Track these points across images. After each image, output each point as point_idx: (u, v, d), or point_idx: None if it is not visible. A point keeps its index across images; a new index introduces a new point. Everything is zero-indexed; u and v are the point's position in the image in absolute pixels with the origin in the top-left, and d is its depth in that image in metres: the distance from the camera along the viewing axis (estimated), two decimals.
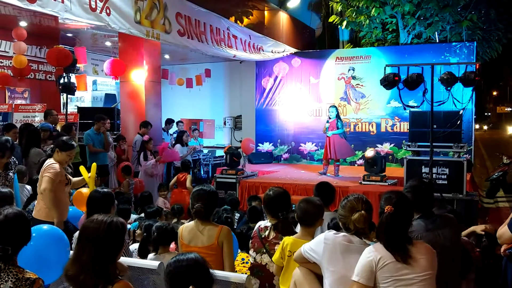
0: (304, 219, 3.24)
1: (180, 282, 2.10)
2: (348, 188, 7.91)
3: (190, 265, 2.15)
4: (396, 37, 13.53)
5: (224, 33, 9.73)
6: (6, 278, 2.24)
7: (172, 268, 2.15)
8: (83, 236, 2.26)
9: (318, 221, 3.26)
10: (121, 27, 6.99)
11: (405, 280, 2.43)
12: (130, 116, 9.87)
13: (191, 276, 2.11)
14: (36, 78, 9.41)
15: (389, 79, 7.01)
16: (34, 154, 6.42)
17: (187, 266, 2.14)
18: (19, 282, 2.23)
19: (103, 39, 10.86)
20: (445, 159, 7.86)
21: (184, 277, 2.11)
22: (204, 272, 2.16)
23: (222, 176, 9.10)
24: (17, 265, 2.33)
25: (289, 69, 12.75)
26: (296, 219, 3.30)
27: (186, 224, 3.56)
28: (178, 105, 14.11)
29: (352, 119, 12.07)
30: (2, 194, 3.77)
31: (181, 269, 2.13)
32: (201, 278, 2.13)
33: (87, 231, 2.24)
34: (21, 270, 2.30)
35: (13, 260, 2.33)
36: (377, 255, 2.47)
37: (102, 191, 3.60)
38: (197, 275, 2.13)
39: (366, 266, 2.47)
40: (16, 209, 2.44)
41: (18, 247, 2.35)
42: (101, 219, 2.25)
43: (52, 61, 7.79)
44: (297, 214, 3.27)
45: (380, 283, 2.46)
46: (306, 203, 3.28)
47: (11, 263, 2.30)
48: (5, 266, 2.27)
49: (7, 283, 2.21)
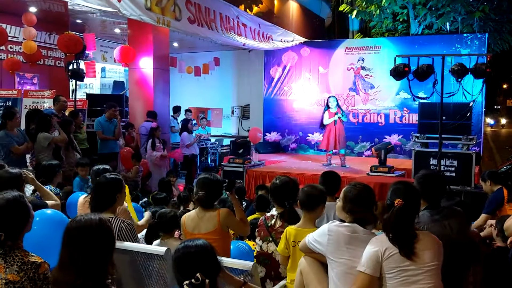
0: (306, 203, 3.25)
1: (187, 268, 2.09)
2: (355, 179, 7.89)
3: (198, 251, 2.14)
4: (406, 28, 13.39)
5: (234, 21, 9.68)
6: (11, 262, 2.25)
7: (180, 254, 2.15)
8: (74, 239, 2.09)
9: (320, 206, 3.27)
10: (132, 13, 6.95)
11: (411, 270, 2.42)
12: (138, 103, 9.89)
13: (199, 262, 2.11)
14: (45, 64, 9.44)
15: (399, 70, 6.96)
16: (42, 138, 6.46)
17: (195, 253, 2.13)
18: (25, 266, 2.24)
19: (112, 26, 10.85)
20: (453, 151, 7.81)
21: (192, 263, 2.10)
22: (212, 259, 2.16)
23: (229, 165, 9.11)
24: (23, 249, 2.34)
25: (298, 58, 12.68)
26: (299, 203, 3.30)
27: (188, 213, 3.58)
28: (186, 93, 14.11)
29: (361, 109, 12.00)
30: (10, 175, 3.72)
31: (189, 255, 2.13)
32: (208, 265, 2.12)
33: (77, 233, 2.10)
34: (26, 254, 2.31)
35: (18, 244, 2.33)
36: (383, 245, 2.46)
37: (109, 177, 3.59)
38: (205, 261, 2.13)
39: (372, 257, 2.46)
40: (11, 195, 2.40)
41: (16, 232, 2.33)
42: (88, 218, 2.15)
43: (62, 47, 7.80)
44: (299, 198, 3.28)
45: (385, 274, 2.45)
46: (310, 187, 3.32)
47: (16, 247, 2.31)
48: (10, 251, 2.28)
49: (13, 267, 2.23)
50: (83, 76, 8.69)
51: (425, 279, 2.42)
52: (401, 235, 2.45)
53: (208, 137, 11.98)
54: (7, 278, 2.20)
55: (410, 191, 2.60)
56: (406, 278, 2.42)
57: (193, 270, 2.06)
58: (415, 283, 2.41)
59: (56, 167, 4.88)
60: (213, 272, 2.12)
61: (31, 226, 2.45)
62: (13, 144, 6.12)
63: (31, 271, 2.24)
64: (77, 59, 8.34)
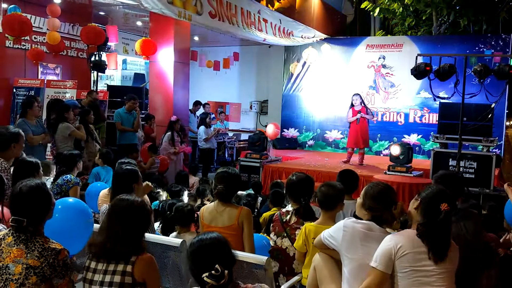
0: (325, 203, 3.25)
1: (203, 260, 2.13)
2: (372, 177, 7.84)
3: (213, 243, 2.18)
4: (429, 26, 13.21)
5: (255, 16, 9.67)
6: (32, 248, 2.30)
7: (196, 248, 2.18)
8: (115, 211, 2.47)
9: (339, 205, 3.27)
10: (154, 7, 7.00)
11: (424, 271, 2.41)
12: (158, 96, 9.97)
13: (214, 254, 2.14)
14: (68, 55, 9.56)
15: (420, 69, 6.90)
16: (63, 128, 6.57)
17: (211, 245, 2.17)
18: (45, 252, 2.30)
19: (134, 18, 10.95)
20: (473, 152, 7.70)
21: (207, 256, 2.14)
22: (226, 251, 2.19)
23: (246, 160, 9.15)
24: (44, 235, 2.40)
25: (318, 55, 12.62)
26: (317, 202, 3.31)
27: (207, 205, 3.62)
28: (206, 87, 14.17)
29: (380, 108, 11.91)
30: (27, 164, 3.80)
31: (204, 248, 2.16)
32: (224, 257, 2.15)
33: (119, 208, 2.48)
34: (47, 240, 2.37)
35: (39, 230, 2.39)
36: (397, 243, 2.45)
37: (125, 167, 3.67)
38: (220, 253, 2.16)
39: (385, 254, 2.45)
40: (34, 182, 2.45)
41: (38, 219, 2.39)
42: (131, 198, 2.51)
43: (85, 38, 7.90)
44: (318, 198, 3.28)
45: (397, 272, 2.45)
46: (327, 187, 3.29)
47: (37, 233, 2.37)
48: (32, 237, 2.34)
49: (34, 253, 2.28)
50: (105, 68, 8.80)
51: (437, 281, 2.41)
52: (441, 241, 2.42)
53: (226, 131, 12.03)
54: (28, 263, 2.26)
55: (449, 195, 2.55)
56: (418, 278, 2.41)
57: (210, 262, 2.09)
58: (427, 284, 2.41)
59: (76, 157, 4.97)
60: (229, 264, 2.15)
61: (52, 214, 2.51)
62: (29, 133, 6.17)
63: (51, 257, 2.29)
64: (99, 50, 8.44)
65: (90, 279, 2.37)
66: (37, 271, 2.26)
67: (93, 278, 2.36)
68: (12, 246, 2.30)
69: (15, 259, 2.27)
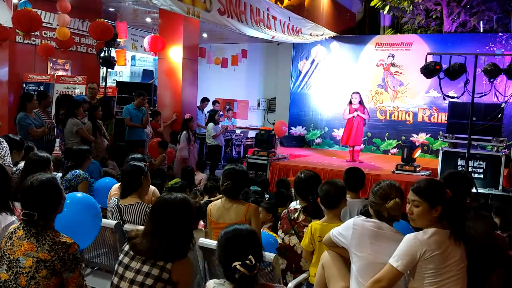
0: (327, 201, 3.25)
1: (236, 249, 2.10)
2: (379, 176, 7.82)
3: (250, 234, 2.17)
4: (439, 25, 13.11)
5: (264, 13, 9.66)
6: (43, 241, 2.32)
7: (231, 236, 2.15)
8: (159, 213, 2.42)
9: (341, 202, 3.26)
10: (162, 3, 7.01)
11: (445, 273, 2.40)
12: (166, 92, 10.00)
13: (248, 245, 2.12)
14: (77, 51, 9.61)
15: (430, 68, 6.86)
16: (72, 124, 6.61)
17: (246, 236, 2.15)
18: (56, 246, 2.32)
19: (143, 15, 10.97)
20: (482, 152, 7.67)
21: (241, 245, 2.11)
22: (258, 245, 2.18)
23: (253, 157, 9.14)
24: (54, 229, 2.42)
25: (327, 53, 12.58)
26: (320, 202, 3.31)
27: (214, 202, 3.63)
28: (214, 84, 14.17)
29: (389, 107, 11.86)
30: (38, 158, 3.86)
31: (239, 238, 2.14)
32: (255, 250, 2.13)
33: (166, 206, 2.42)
34: (57, 234, 2.38)
35: (50, 224, 2.41)
36: (423, 247, 2.41)
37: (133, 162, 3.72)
38: (253, 245, 2.14)
39: (410, 254, 2.41)
40: (45, 177, 2.47)
41: (49, 213, 2.40)
42: (174, 196, 2.47)
43: (94, 34, 7.93)
44: (320, 197, 3.28)
45: (418, 273, 2.43)
46: (328, 185, 3.28)
47: (48, 227, 2.39)
48: (42, 230, 2.36)
49: (44, 246, 2.30)
50: (114, 64, 8.83)
51: (454, 281, 2.41)
52: (459, 220, 2.49)
53: (234, 128, 12.03)
54: (39, 257, 2.28)
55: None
56: (437, 278, 2.41)
57: (243, 252, 2.07)
58: (445, 285, 2.41)
59: (85, 152, 5.00)
60: (259, 258, 2.13)
61: (62, 208, 2.53)
62: (32, 126, 6.34)
63: (62, 251, 2.31)
64: (109, 46, 8.47)
65: (121, 274, 2.35)
66: (48, 265, 2.28)
67: (123, 274, 2.34)
68: (23, 240, 2.33)
69: (25, 253, 2.29)
